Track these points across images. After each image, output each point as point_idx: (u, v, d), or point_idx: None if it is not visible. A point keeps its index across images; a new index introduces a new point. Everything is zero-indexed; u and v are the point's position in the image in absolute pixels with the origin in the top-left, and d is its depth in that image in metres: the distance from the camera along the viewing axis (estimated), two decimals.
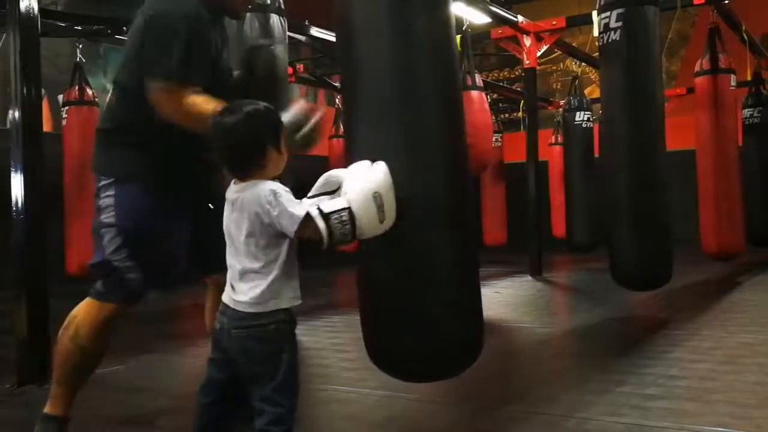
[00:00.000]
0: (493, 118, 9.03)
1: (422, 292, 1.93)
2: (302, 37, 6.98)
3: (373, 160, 1.80)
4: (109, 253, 2.15)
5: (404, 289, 1.94)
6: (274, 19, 4.29)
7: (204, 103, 2.00)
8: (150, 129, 2.15)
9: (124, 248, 2.14)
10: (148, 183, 2.17)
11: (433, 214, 1.92)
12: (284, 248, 1.71)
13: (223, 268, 2.36)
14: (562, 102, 10.58)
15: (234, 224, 1.74)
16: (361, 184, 1.71)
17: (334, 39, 6.44)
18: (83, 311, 2.20)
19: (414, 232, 1.89)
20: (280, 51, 2.04)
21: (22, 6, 3.16)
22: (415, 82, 1.96)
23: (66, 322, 2.21)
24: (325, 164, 9.49)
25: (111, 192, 2.17)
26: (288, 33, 4.53)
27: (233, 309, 1.73)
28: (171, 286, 2.31)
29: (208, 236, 2.35)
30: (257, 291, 1.70)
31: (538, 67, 8.00)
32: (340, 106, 4.79)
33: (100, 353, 2.23)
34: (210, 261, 2.38)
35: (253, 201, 1.68)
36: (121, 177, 2.17)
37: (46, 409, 2.23)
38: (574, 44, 10.04)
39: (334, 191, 1.77)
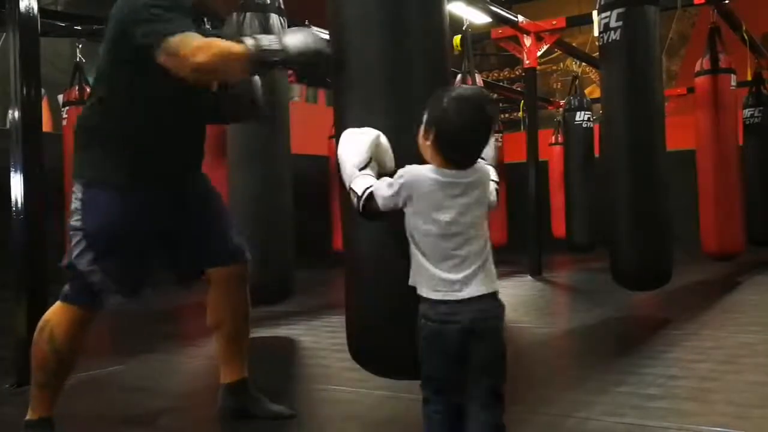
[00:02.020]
0: None
1: (404, 290, 1.94)
2: None
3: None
4: (74, 256, 2.13)
5: (385, 287, 1.93)
6: (274, 19, 4.30)
7: (221, 42, 1.95)
8: (122, 130, 2.14)
9: (88, 252, 2.12)
10: (116, 186, 2.14)
11: None
12: None
13: (214, 263, 2.36)
14: (562, 102, 10.57)
15: (464, 208, 1.68)
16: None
17: None
18: (55, 315, 2.20)
19: (397, 226, 1.89)
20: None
21: (22, 6, 3.15)
22: (404, 74, 1.94)
23: (39, 326, 2.21)
24: (325, 163, 9.49)
25: (79, 195, 2.14)
26: None
27: (488, 297, 1.66)
28: (138, 292, 2.29)
29: (191, 234, 2.34)
30: (493, 272, 1.69)
31: (538, 67, 8.00)
32: None
33: (75, 355, 2.22)
34: (198, 257, 2.37)
35: (486, 179, 1.75)
36: (89, 180, 2.15)
37: (29, 416, 2.22)
38: (574, 44, 10.05)
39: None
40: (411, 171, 1.68)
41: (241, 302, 2.43)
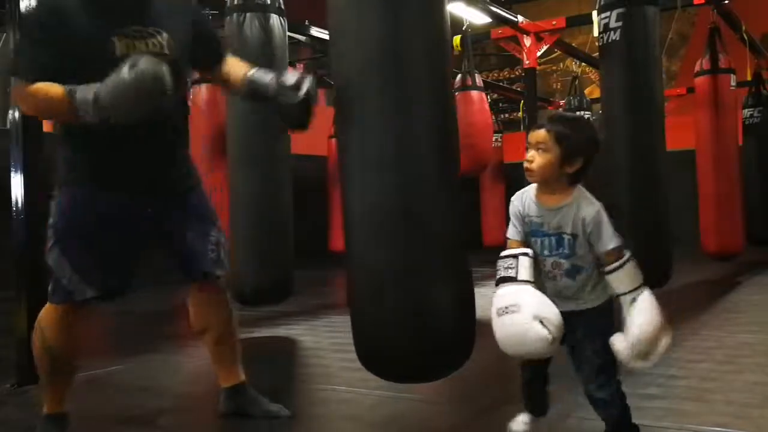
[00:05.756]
0: (493, 118, 9.03)
1: (410, 292, 1.94)
2: (302, 37, 6.98)
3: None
4: (47, 252, 2.16)
5: (392, 290, 1.94)
6: (274, 19, 4.30)
7: (47, 87, 1.97)
8: (82, 136, 2.12)
9: (55, 247, 2.14)
10: (91, 186, 2.14)
11: (420, 212, 1.92)
12: None
13: (198, 275, 2.34)
14: (562, 102, 10.57)
15: None
16: None
17: None
18: (44, 315, 2.22)
19: (399, 230, 1.90)
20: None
21: (22, 6, 3.15)
22: (404, 72, 1.94)
23: (35, 326, 2.25)
24: (324, 164, 9.49)
25: (55, 194, 2.18)
26: (288, 33, 4.54)
27: None
28: (115, 294, 2.22)
29: (167, 245, 2.32)
30: None
31: (538, 67, 7.99)
32: None
33: (70, 351, 2.23)
34: (184, 266, 2.35)
35: None
36: (64, 179, 2.18)
37: (45, 410, 2.28)
38: (574, 44, 10.05)
39: None
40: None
41: (221, 306, 2.44)
